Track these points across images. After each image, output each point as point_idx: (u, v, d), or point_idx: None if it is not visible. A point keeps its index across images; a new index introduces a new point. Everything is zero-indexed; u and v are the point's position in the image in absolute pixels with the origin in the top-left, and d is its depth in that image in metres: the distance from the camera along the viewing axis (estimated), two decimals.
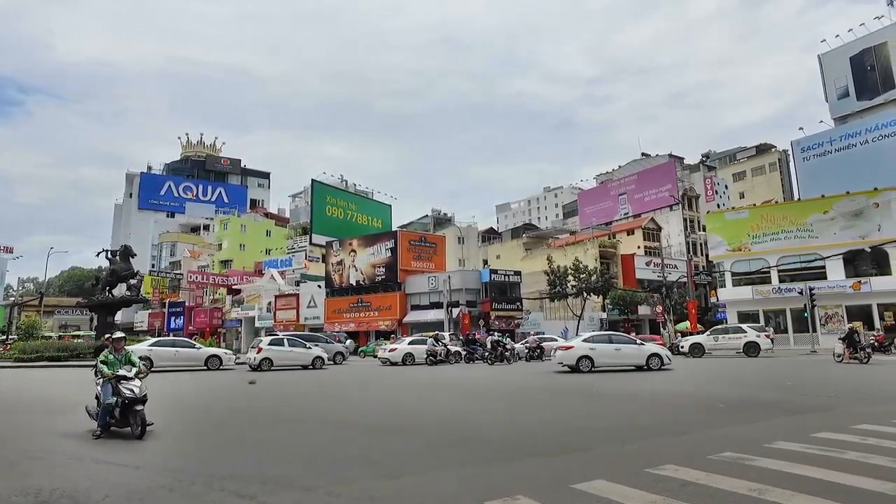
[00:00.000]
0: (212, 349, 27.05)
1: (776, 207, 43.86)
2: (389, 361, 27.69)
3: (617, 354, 20.49)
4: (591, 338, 21.42)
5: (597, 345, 20.49)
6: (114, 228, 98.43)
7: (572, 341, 21.86)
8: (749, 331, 29.32)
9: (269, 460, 6.81)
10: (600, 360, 20.23)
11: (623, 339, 22.28)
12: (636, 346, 20.97)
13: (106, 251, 37.00)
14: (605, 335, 22.65)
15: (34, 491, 5.39)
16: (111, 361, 8.50)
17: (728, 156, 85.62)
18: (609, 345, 20.68)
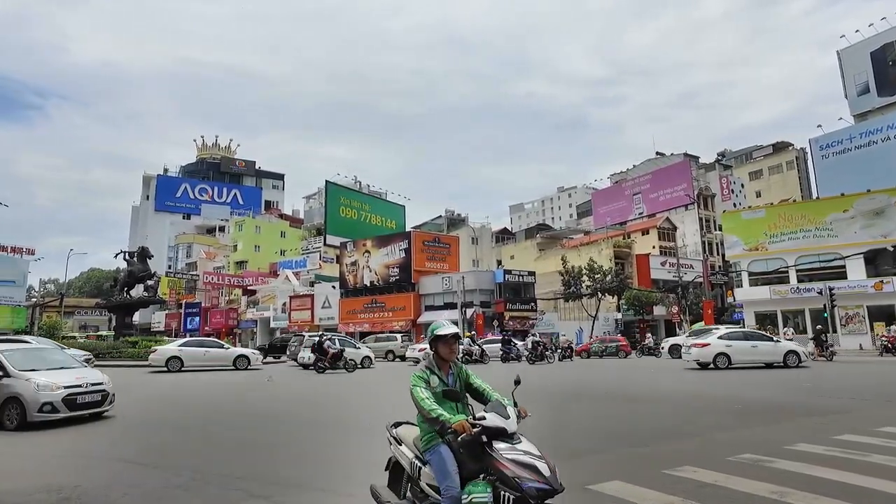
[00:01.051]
0: (240, 349, 27.51)
1: (794, 206, 43.18)
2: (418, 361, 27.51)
3: (754, 351, 20.53)
4: (727, 335, 21.55)
5: (733, 342, 20.72)
6: (131, 230, 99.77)
7: (708, 338, 21.76)
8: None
9: (286, 461, 6.85)
10: (737, 357, 20.35)
11: (758, 335, 22.47)
12: (772, 344, 21.04)
13: (124, 253, 37.54)
14: (741, 332, 22.81)
15: (56, 489, 5.48)
16: None
17: (744, 154, 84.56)
18: (746, 342, 20.91)
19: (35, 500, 5.15)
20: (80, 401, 9.46)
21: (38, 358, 10.41)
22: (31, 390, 9.02)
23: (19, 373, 9.35)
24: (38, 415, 8.93)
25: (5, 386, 9.18)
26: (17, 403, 8.95)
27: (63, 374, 9.77)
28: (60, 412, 9.15)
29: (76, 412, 9.40)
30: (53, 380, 9.38)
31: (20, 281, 62.25)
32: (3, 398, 9.05)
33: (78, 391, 9.48)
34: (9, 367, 9.41)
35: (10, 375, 9.29)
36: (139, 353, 28.88)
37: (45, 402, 9.00)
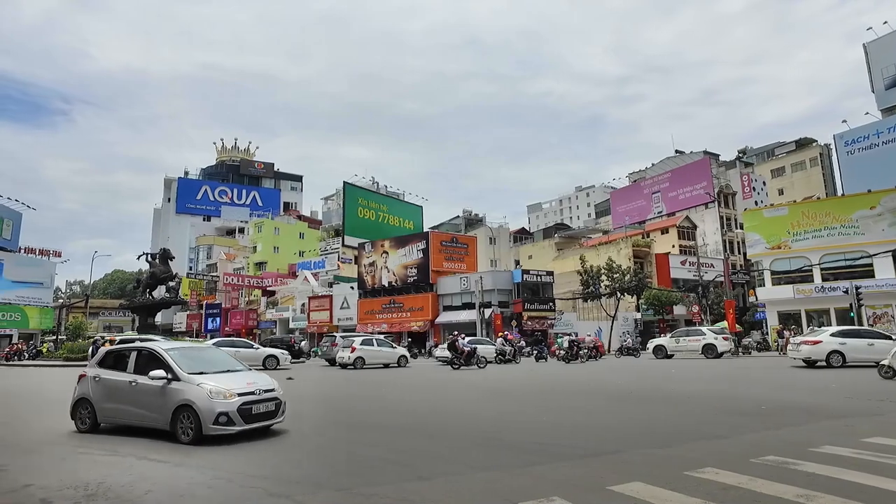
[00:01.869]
0: (270, 349, 27.94)
1: (818, 204, 42.36)
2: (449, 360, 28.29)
3: (871, 350, 19.50)
4: (840, 332, 20.86)
5: (847, 339, 20.10)
6: (153, 232, 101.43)
7: (819, 335, 21.02)
8: (707, 333, 30.28)
9: (306, 461, 6.89)
10: (852, 355, 19.72)
11: (875, 333, 21.73)
12: (892, 342, 19.73)
13: (146, 254, 38.20)
14: (854, 330, 22.11)
15: (82, 485, 5.58)
16: None
17: (766, 151, 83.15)
18: (861, 339, 20.20)
19: (63, 496, 5.24)
20: (255, 411, 8.04)
21: (200, 359, 9.00)
22: (205, 398, 7.71)
23: (189, 376, 8.03)
24: (213, 427, 7.61)
25: (175, 392, 7.93)
26: (191, 413, 7.70)
27: (232, 379, 8.36)
28: (236, 425, 7.78)
29: (251, 424, 7.99)
30: (225, 385, 8.01)
31: (48, 282, 63.73)
32: (174, 406, 7.85)
33: (252, 399, 8.07)
34: (177, 370, 8.12)
35: (178, 379, 8.02)
36: None
37: (221, 413, 7.66)
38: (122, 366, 8.71)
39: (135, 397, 8.25)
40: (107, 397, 8.59)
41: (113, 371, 8.76)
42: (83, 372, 9.20)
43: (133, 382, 8.33)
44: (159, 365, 8.22)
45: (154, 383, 8.06)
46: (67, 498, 5.18)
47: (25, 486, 5.64)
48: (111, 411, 8.58)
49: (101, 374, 8.84)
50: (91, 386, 8.83)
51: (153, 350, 8.62)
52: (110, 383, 8.63)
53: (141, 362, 8.51)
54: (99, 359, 9.23)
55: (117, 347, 9.65)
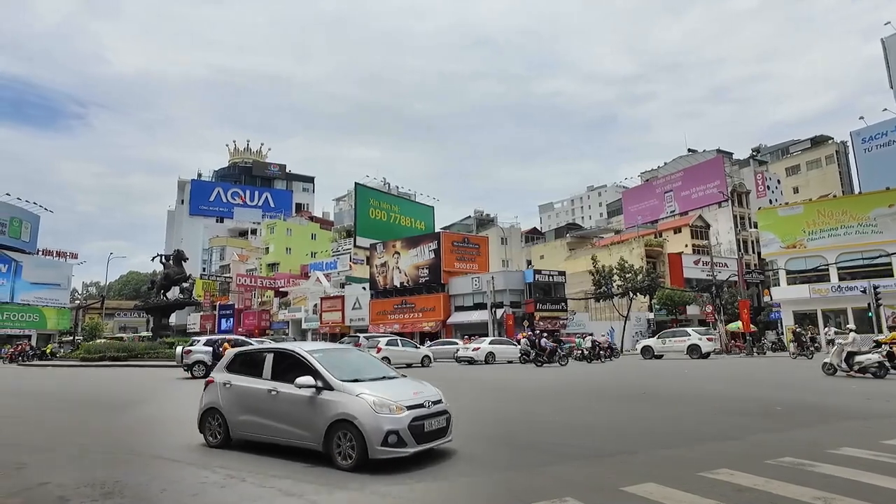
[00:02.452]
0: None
1: (834, 202, 41.75)
2: (472, 360, 28.71)
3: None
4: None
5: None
6: (167, 233, 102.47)
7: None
8: (692, 333, 30.56)
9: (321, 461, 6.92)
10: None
11: None
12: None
13: (160, 256, 38.56)
14: None
15: (99, 483, 5.65)
16: None
17: (780, 149, 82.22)
18: None
19: (80, 493, 5.30)
20: (428, 428, 6.47)
21: (347, 362, 7.43)
22: (368, 412, 6.16)
23: (344, 384, 6.56)
24: (381, 449, 6.03)
25: (329, 404, 6.44)
26: (352, 431, 6.17)
27: (395, 388, 6.84)
28: (408, 446, 6.19)
29: (423, 445, 6.39)
30: (391, 396, 6.46)
31: (65, 284, 64.56)
32: (328, 421, 6.37)
33: (423, 413, 6.50)
34: (328, 376, 6.64)
35: (331, 388, 6.54)
36: (175, 354, 29.69)
37: (390, 431, 6.08)
38: (257, 371, 7.32)
39: (276, 409, 6.87)
40: (241, 408, 7.24)
41: (246, 377, 7.38)
42: (210, 377, 8.00)
43: (273, 391, 6.93)
44: (304, 370, 6.79)
45: (300, 393, 6.63)
46: (84, 496, 5.24)
47: (42, 483, 5.71)
48: (246, 425, 7.18)
49: (231, 380, 7.49)
50: (221, 394, 7.51)
51: (294, 352, 7.25)
52: (244, 391, 7.27)
53: (280, 367, 7.19)
54: (227, 362, 7.91)
55: (249, 349, 8.39)
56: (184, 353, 22.37)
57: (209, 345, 22.32)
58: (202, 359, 21.56)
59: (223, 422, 7.39)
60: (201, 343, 22.99)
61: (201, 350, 22.04)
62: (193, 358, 21.72)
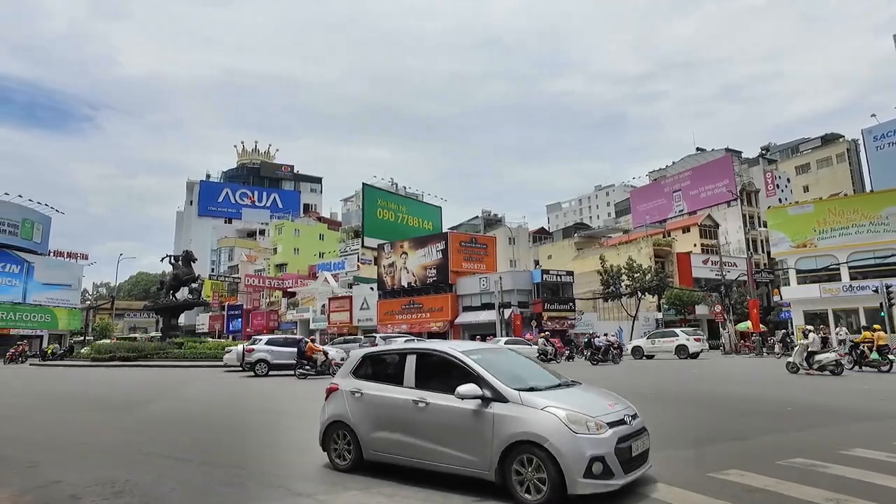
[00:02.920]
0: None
1: (845, 200, 41.37)
2: None
3: None
4: None
5: None
6: (176, 234, 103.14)
7: None
8: (680, 334, 31.15)
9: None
10: None
11: None
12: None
13: (169, 257, 38.77)
14: None
15: (109, 482, 5.69)
16: None
17: (790, 148, 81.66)
18: None
19: (91, 492, 5.35)
20: (634, 451, 5.01)
21: (508, 367, 5.87)
22: (562, 431, 4.76)
23: (520, 395, 5.07)
24: (584, 481, 4.63)
25: (504, 420, 4.97)
26: (540, 455, 4.75)
27: (579, 399, 5.35)
28: (615, 476, 4.76)
29: (631, 475, 4.94)
30: (582, 409, 5.00)
31: (75, 284, 65.13)
32: (504, 442, 4.90)
33: (626, 432, 5.03)
34: (499, 385, 5.17)
35: (503, 399, 5.08)
36: (185, 354, 29.92)
37: (595, 458, 4.68)
38: (395, 377, 6.02)
39: (425, 425, 5.47)
40: (376, 423, 5.90)
41: (382, 385, 6.10)
42: (333, 384, 6.63)
43: (420, 402, 5.53)
44: (460, 376, 5.41)
45: (460, 405, 5.23)
46: (95, 494, 5.28)
47: (55, 481, 5.76)
48: (385, 444, 5.80)
49: (362, 387, 6.20)
50: (349, 405, 6.21)
51: (445, 354, 5.87)
52: (380, 402, 5.95)
53: (425, 372, 5.84)
54: (354, 366, 6.60)
55: (381, 350, 7.15)
56: (245, 351, 22.54)
57: (272, 343, 22.93)
58: (264, 357, 21.92)
59: (353, 439, 6.07)
60: (263, 342, 23.28)
61: (263, 349, 22.34)
62: (256, 356, 21.97)
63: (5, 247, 56.89)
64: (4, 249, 56.77)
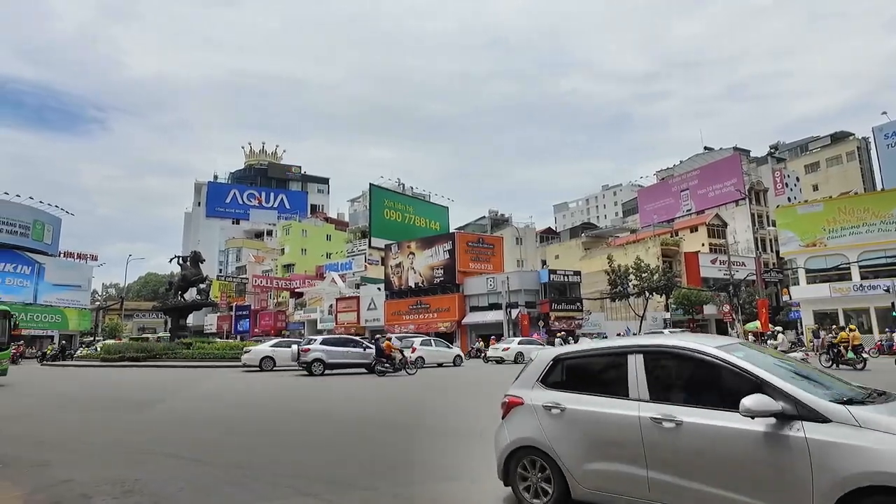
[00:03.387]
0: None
1: (855, 199, 41.05)
2: (500, 360, 29.53)
3: None
4: None
5: None
6: (184, 235, 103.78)
7: None
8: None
9: (335, 461, 6.95)
10: None
11: None
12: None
13: (178, 257, 38.98)
14: None
15: (119, 481, 5.73)
16: None
17: (799, 146, 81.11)
18: None
19: (101, 491, 5.39)
20: None
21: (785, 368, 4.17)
22: None
23: (847, 410, 3.44)
24: None
25: (833, 451, 3.33)
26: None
27: None
28: None
29: None
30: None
31: (85, 285, 65.68)
32: (843, 485, 3.21)
33: None
34: (807, 397, 3.60)
35: (819, 418, 3.48)
36: (193, 354, 30.10)
37: None
38: (613, 385, 4.46)
39: (679, 454, 3.94)
40: (592, 449, 4.36)
41: (594, 396, 4.50)
42: (513, 396, 4.94)
43: (665, 421, 4.00)
44: (734, 383, 3.87)
45: (741, 427, 3.68)
46: (105, 493, 5.32)
47: (65, 480, 5.81)
48: (609, 479, 4.27)
49: (563, 400, 4.60)
50: (545, 424, 4.61)
51: (694, 351, 4.20)
52: (596, 420, 4.38)
53: (663, 377, 4.33)
54: (543, 372, 4.88)
55: (584, 350, 4.97)
56: (301, 351, 22.81)
57: (329, 343, 23.37)
58: (320, 357, 22.31)
59: (554, 470, 4.51)
60: (318, 342, 23.60)
61: (319, 348, 22.67)
62: (312, 356, 22.31)
63: (17, 248, 57.45)
64: (16, 250, 57.33)
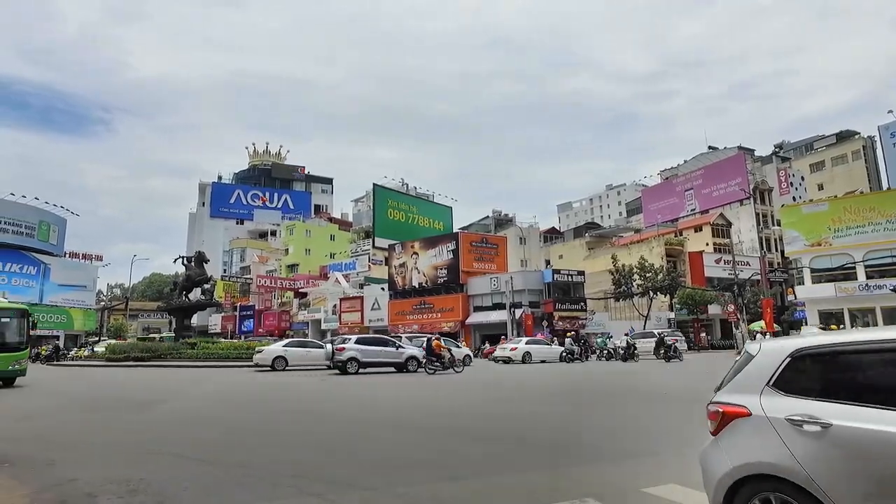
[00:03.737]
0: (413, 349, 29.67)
1: (861, 198, 40.84)
2: (509, 360, 29.79)
3: None
4: None
5: None
6: (188, 236, 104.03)
7: None
8: (657, 335, 32.92)
9: (338, 460, 6.96)
10: None
11: None
12: None
13: (182, 258, 39.06)
14: None
15: (124, 480, 5.75)
16: None
17: (804, 145, 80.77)
18: None
19: (107, 490, 5.41)
20: None
21: None
22: None
23: None
24: None
25: None
26: None
27: None
28: None
29: None
30: None
31: (90, 286, 66.00)
32: None
33: None
34: None
35: None
36: (197, 354, 30.18)
37: None
38: None
39: None
40: (886, 489, 2.82)
41: (870, 409, 2.96)
42: (730, 404, 3.57)
43: None
44: None
45: None
46: (111, 493, 5.34)
47: (71, 480, 5.83)
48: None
49: (822, 414, 3.09)
50: (795, 447, 3.13)
51: None
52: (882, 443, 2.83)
53: None
54: (776, 373, 3.42)
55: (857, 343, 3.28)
56: (336, 350, 23.12)
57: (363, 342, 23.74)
58: (355, 356, 22.66)
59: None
60: (352, 341, 23.95)
61: (354, 347, 23.07)
62: (347, 355, 22.58)
63: (23, 248, 57.75)
64: (22, 251, 57.64)
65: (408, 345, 25.55)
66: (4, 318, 18.07)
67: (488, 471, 6.15)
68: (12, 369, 17.48)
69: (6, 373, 17.36)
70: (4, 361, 17.35)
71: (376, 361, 23.15)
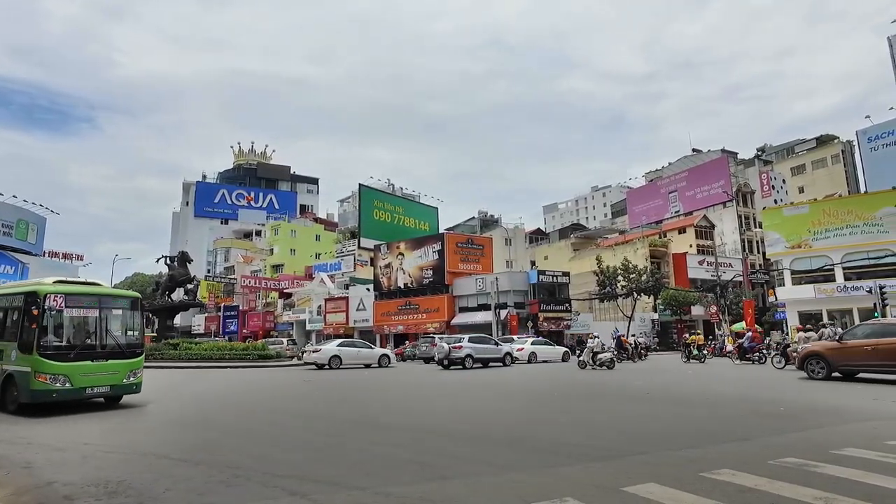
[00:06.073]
0: (383, 349, 32.04)
1: (840, 201, 41.58)
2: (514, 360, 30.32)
3: None
4: None
5: None
6: (172, 235, 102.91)
7: None
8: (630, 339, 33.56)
9: (326, 460, 6.94)
10: None
11: None
12: None
13: (165, 257, 38.65)
14: None
15: (103, 482, 5.68)
16: None
17: (786, 149, 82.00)
18: None
19: (86, 492, 5.35)
20: None
21: None
22: None
23: None
24: None
25: None
26: None
27: None
28: None
29: None
30: None
31: None
32: None
33: None
34: None
35: None
36: (180, 355, 29.80)
37: None
38: None
39: None
40: None
41: None
42: None
43: None
44: None
45: None
46: (89, 494, 5.28)
47: (49, 482, 5.75)
48: None
49: None
50: None
51: None
52: None
53: None
54: None
55: None
56: (452, 348, 25.66)
57: (474, 341, 26.35)
58: (470, 353, 25.59)
59: None
60: (466, 340, 26.44)
61: (469, 346, 25.81)
62: (464, 352, 25.45)
63: (0, 248, 56.66)
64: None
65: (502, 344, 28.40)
66: (116, 310, 12.33)
67: (474, 470, 6.17)
68: (127, 383, 11.87)
69: (121, 388, 11.88)
70: (120, 371, 11.72)
71: (485, 357, 26.39)
